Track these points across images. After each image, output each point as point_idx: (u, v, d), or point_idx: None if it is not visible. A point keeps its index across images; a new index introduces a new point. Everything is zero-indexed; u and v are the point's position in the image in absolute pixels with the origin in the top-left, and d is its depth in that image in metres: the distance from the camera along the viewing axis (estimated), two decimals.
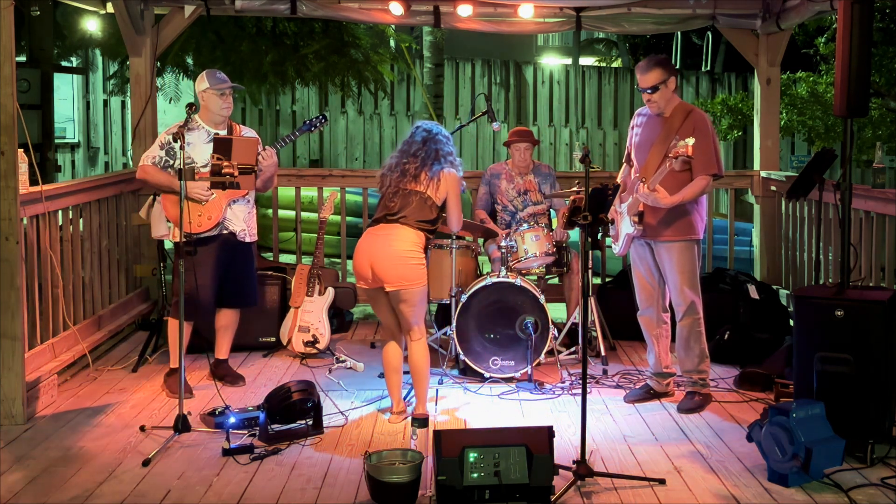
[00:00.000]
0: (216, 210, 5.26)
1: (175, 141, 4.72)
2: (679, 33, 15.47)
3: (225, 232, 5.31)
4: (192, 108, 5.01)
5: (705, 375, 5.12)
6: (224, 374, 5.53)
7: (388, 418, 4.92)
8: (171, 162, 5.26)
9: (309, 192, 8.57)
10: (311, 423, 4.67)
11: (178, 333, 5.26)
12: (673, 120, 4.95)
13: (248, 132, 5.49)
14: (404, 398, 5.05)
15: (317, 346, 6.05)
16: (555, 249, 5.98)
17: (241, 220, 5.38)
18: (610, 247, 5.33)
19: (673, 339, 5.19)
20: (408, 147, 4.92)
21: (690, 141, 4.66)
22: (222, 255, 5.31)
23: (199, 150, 5.28)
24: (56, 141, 11.87)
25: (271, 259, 7.31)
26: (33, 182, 5.12)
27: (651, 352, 5.24)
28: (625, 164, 5.33)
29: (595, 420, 4.82)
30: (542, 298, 5.58)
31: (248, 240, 5.42)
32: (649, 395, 5.24)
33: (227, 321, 5.54)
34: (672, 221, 4.96)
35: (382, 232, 4.80)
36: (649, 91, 4.92)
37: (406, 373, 5.07)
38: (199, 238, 5.17)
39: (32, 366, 5.05)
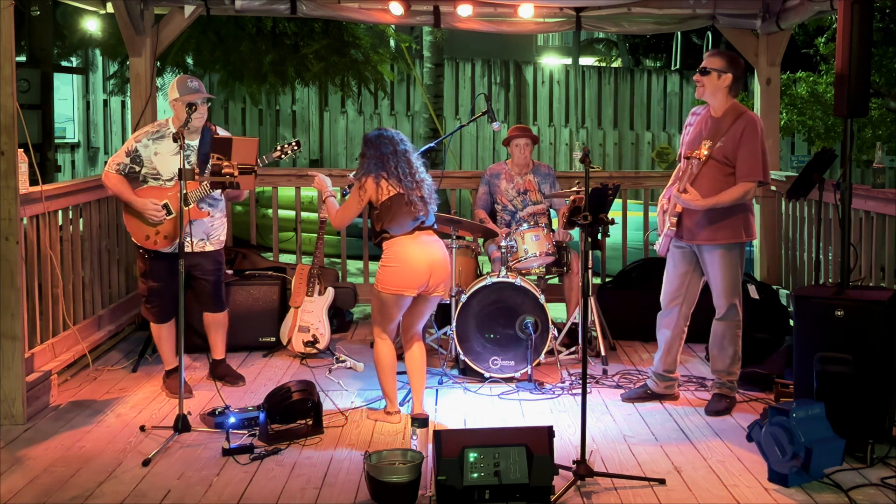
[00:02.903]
0: (174, 232, 5.14)
1: (179, 140, 4.66)
2: (679, 33, 15.44)
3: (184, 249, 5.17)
4: (193, 108, 4.98)
5: (734, 378, 5.09)
6: (223, 373, 5.53)
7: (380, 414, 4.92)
8: (137, 169, 5.15)
9: (309, 193, 8.59)
10: (311, 423, 4.67)
11: (162, 338, 5.35)
12: (723, 121, 4.89)
13: (224, 133, 5.33)
14: (402, 400, 5.05)
15: (317, 346, 6.05)
16: (555, 249, 5.98)
17: (202, 231, 5.27)
18: (656, 247, 5.21)
19: (691, 341, 5.15)
20: (404, 155, 4.78)
21: (707, 144, 4.72)
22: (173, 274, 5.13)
23: (165, 161, 5.15)
24: (56, 141, 11.87)
25: (271, 259, 7.32)
26: (33, 182, 5.11)
27: (658, 351, 5.22)
28: (679, 164, 5.20)
29: (595, 420, 4.82)
30: (542, 298, 5.58)
31: (208, 248, 5.31)
32: (647, 395, 5.24)
33: (208, 322, 5.50)
34: (714, 225, 4.87)
35: (429, 239, 4.79)
36: (701, 73, 4.91)
37: (402, 373, 5.06)
38: (157, 252, 5.16)
39: (32, 366, 5.05)
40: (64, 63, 12.56)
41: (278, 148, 5.49)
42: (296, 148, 5.48)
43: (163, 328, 5.32)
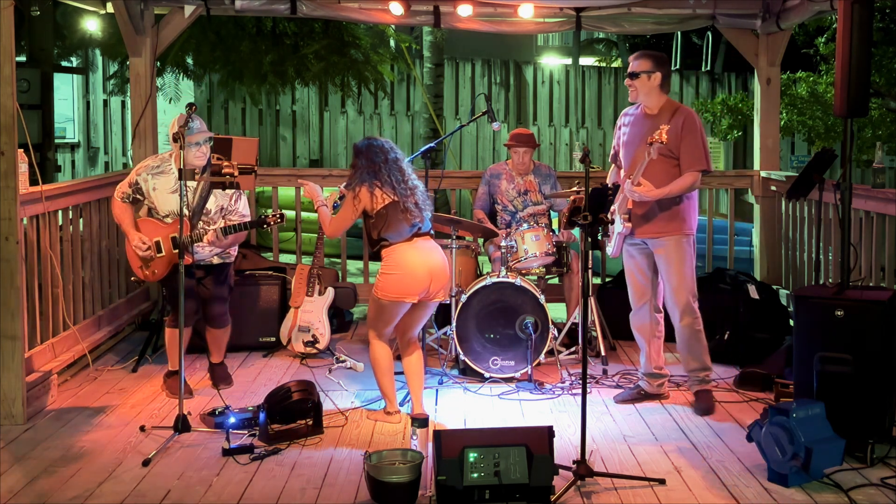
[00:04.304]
0: (161, 268, 5.14)
1: (179, 140, 4.64)
2: (679, 33, 15.44)
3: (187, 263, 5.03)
4: (193, 108, 4.96)
5: (710, 372, 5.11)
6: (214, 373, 5.52)
7: (380, 414, 4.92)
8: (141, 199, 5.14)
9: None
10: (311, 423, 4.67)
11: (174, 339, 5.29)
12: (660, 117, 4.97)
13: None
14: (402, 400, 5.05)
15: (317, 346, 6.05)
16: (555, 249, 5.98)
17: (205, 250, 5.18)
18: (609, 251, 5.31)
19: (669, 340, 5.18)
20: (396, 163, 4.76)
21: (665, 126, 4.77)
22: (188, 277, 5.07)
23: (163, 198, 5.10)
24: (56, 141, 11.87)
25: (271, 259, 7.31)
26: (33, 182, 5.11)
27: (642, 352, 5.24)
28: (612, 166, 5.34)
29: (595, 420, 4.82)
30: (542, 298, 5.58)
31: (215, 262, 5.28)
32: (640, 396, 5.23)
33: (208, 334, 5.48)
34: (662, 217, 4.95)
35: (429, 245, 4.80)
36: (631, 77, 5.01)
37: (399, 373, 5.06)
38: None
39: (32, 366, 5.05)
40: (64, 63, 12.56)
41: (261, 217, 5.17)
42: (279, 220, 5.13)
43: (175, 332, 5.28)
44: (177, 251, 4.92)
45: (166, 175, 5.11)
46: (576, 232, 6.26)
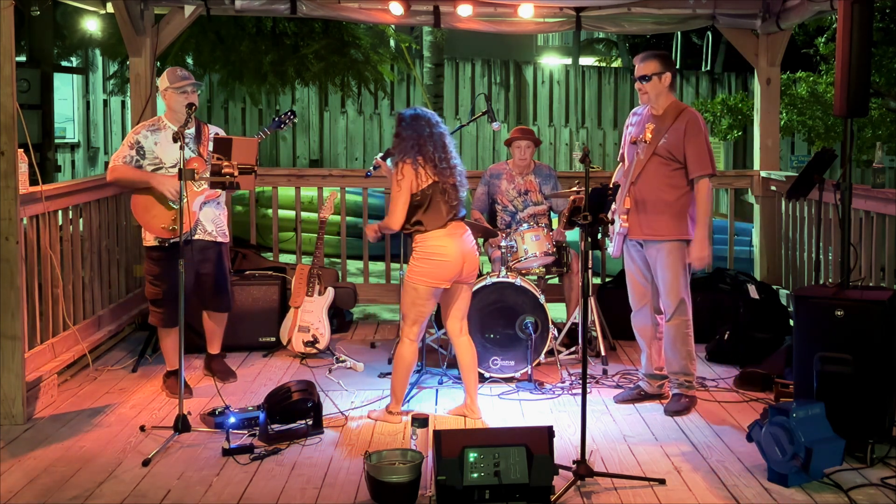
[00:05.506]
0: (190, 211, 5.16)
1: (180, 140, 4.65)
2: (679, 33, 15.51)
3: (195, 237, 5.19)
4: (193, 108, 4.99)
5: (691, 378, 5.09)
6: (218, 368, 5.53)
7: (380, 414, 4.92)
8: (143, 162, 5.17)
9: (309, 192, 8.58)
10: (311, 423, 4.67)
11: (168, 339, 5.32)
12: (665, 118, 4.97)
13: (216, 130, 5.35)
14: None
15: (317, 346, 6.05)
16: (555, 249, 5.98)
17: (210, 220, 5.29)
18: (609, 251, 5.32)
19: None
20: (440, 138, 4.71)
21: (650, 127, 4.86)
22: (193, 258, 5.16)
23: (168, 149, 5.16)
24: (56, 141, 11.88)
25: (271, 259, 7.32)
26: (33, 182, 5.11)
27: (643, 353, 5.24)
28: (619, 164, 5.35)
29: (595, 420, 4.82)
30: (542, 298, 5.58)
31: (219, 240, 5.33)
32: (640, 396, 5.23)
33: (210, 318, 5.51)
34: (662, 221, 4.95)
35: (462, 231, 4.80)
36: (641, 80, 4.98)
37: (415, 371, 5.06)
38: (173, 242, 5.10)
39: (32, 366, 5.05)
40: (64, 63, 12.57)
41: (275, 119, 5.57)
42: (292, 117, 5.61)
43: (171, 332, 5.29)
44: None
45: (164, 130, 5.22)
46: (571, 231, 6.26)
